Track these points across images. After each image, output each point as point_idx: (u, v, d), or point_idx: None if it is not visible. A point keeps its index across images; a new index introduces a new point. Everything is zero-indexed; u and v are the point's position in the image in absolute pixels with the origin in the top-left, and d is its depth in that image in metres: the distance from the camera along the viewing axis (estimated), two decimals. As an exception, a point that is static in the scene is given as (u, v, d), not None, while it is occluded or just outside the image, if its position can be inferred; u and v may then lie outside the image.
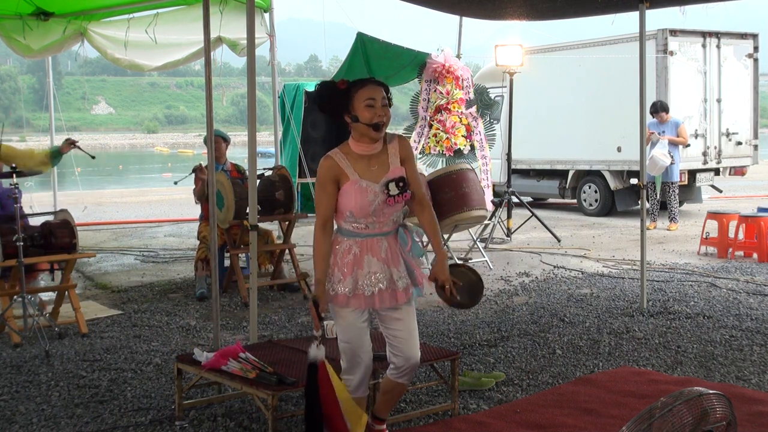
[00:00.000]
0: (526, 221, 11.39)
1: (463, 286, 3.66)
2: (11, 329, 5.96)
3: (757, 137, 13.80)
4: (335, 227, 3.58)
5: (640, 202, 7.49)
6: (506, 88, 12.11)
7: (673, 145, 11.59)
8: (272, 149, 11.86)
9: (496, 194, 11.38)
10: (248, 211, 5.32)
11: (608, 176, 13.56)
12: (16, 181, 5.83)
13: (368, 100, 3.43)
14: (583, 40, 14.27)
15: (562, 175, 14.52)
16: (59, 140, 7.67)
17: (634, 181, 13.18)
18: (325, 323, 4.86)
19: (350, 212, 3.48)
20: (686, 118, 12.50)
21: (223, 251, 7.68)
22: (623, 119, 12.33)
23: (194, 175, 7.72)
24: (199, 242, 7.74)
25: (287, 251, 7.83)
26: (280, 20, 11.48)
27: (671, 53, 12.61)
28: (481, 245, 9.61)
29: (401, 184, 3.52)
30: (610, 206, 13.73)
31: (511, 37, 11.10)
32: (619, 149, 13.15)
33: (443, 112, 10.21)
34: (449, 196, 8.37)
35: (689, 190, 13.46)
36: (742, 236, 9.53)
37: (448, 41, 11.96)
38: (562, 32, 15.07)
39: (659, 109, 11.64)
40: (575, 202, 14.47)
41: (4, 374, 5.27)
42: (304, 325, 6.50)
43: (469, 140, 10.31)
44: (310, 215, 11.74)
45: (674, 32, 12.68)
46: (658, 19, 9.69)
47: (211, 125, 5.44)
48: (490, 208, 9.99)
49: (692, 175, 13.15)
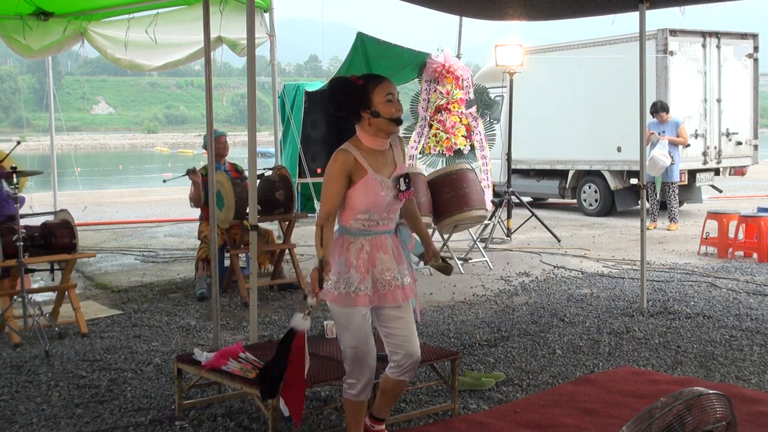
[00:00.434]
0: (526, 221, 11.39)
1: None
2: (11, 329, 5.96)
3: (757, 137, 13.80)
4: (338, 228, 3.55)
5: (640, 202, 7.49)
6: (506, 88, 12.11)
7: (673, 145, 11.59)
8: (272, 149, 11.86)
9: (496, 194, 11.38)
10: (248, 211, 5.32)
11: (608, 176, 13.56)
12: (16, 181, 5.83)
13: (388, 95, 3.47)
14: (583, 40, 14.26)
15: (562, 175, 14.53)
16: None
17: (634, 181, 13.18)
18: (325, 323, 4.87)
19: (367, 208, 3.47)
20: (686, 118, 12.50)
21: (223, 251, 7.67)
22: (623, 119, 12.33)
23: (188, 177, 7.68)
24: (200, 242, 7.74)
25: (287, 251, 7.84)
26: (280, 20, 11.47)
27: (671, 53, 12.61)
28: (481, 245, 9.61)
29: (407, 180, 3.56)
30: (610, 206, 13.73)
31: (511, 37, 11.09)
32: (619, 149, 13.15)
33: (443, 112, 10.21)
34: (449, 196, 8.37)
35: (689, 190, 13.46)
36: (742, 236, 9.53)
37: (448, 41, 11.97)
38: (562, 32, 15.06)
39: (659, 109, 11.63)
40: (575, 202, 14.47)
41: (4, 374, 5.27)
42: (304, 325, 6.49)
43: (469, 140, 10.31)
44: (310, 215, 11.76)
45: (674, 32, 12.68)
46: (658, 19, 9.69)
47: (211, 125, 5.44)
48: (490, 208, 9.99)
49: (692, 175, 13.15)
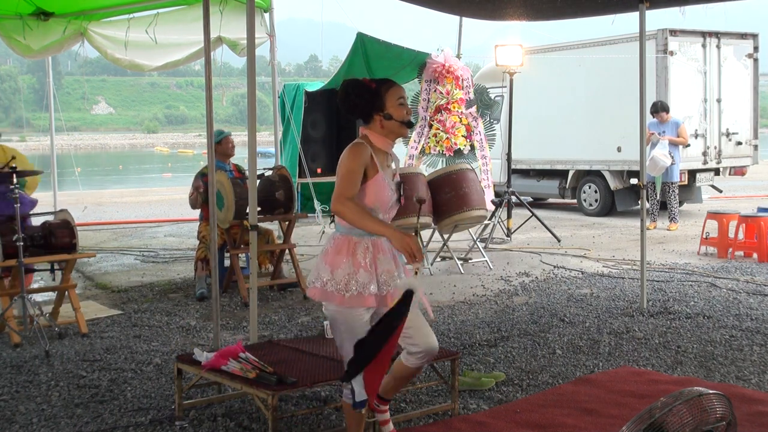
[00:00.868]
0: (526, 221, 11.39)
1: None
2: (11, 329, 5.96)
3: (757, 137, 13.80)
4: (342, 228, 3.51)
5: (640, 202, 7.49)
6: (506, 88, 12.11)
7: (673, 145, 11.59)
8: (272, 149, 11.85)
9: (496, 194, 11.38)
10: (248, 211, 5.32)
11: (608, 176, 13.56)
12: (16, 181, 5.83)
13: (400, 98, 3.53)
14: (583, 40, 14.27)
15: (562, 175, 14.53)
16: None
17: (634, 181, 13.18)
18: (325, 323, 4.87)
19: (375, 206, 3.48)
20: (686, 118, 12.50)
21: (223, 251, 7.67)
22: (623, 119, 12.34)
23: (194, 179, 7.67)
24: (199, 242, 7.74)
25: (287, 251, 7.84)
26: (280, 20, 11.47)
27: (671, 53, 12.61)
28: (481, 245, 9.61)
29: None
30: (610, 206, 13.73)
31: (511, 37, 11.09)
32: (619, 149, 13.15)
33: (443, 112, 10.22)
34: (449, 196, 8.37)
35: (689, 190, 13.47)
36: (742, 236, 9.53)
37: (448, 41, 11.97)
38: (562, 32, 15.06)
39: (659, 109, 11.63)
40: (575, 202, 14.47)
41: (4, 374, 5.27)
42: (304, 325, 6.50)
43: (469, 140, 10.32)
44: (310, 215, 11.75)
45: (674, 32, 12.68)
46: (658, 19, 9.68)
47: (211, 125, 5.44)
48: (490, 208, 9.99)
49: (692, 175, 13.15)
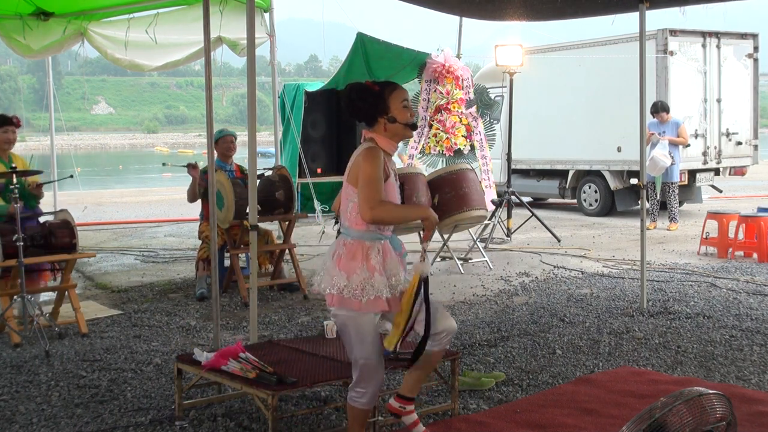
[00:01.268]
0: (526, 221, 11.39)
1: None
2: (11, 329, 5.96)
3: (757, 137, 13.80)
4: (354, 233, 3.50)
5: (640, 202, 7.48)
6: (506, 88, 12.11)
7: (673, 145, 11.59)
8: (272, 149, 11.85)
9: (496, 194, 11.37)
10: (248, 211, 5.32)
11: (608, 176, 13.56)
12: (16, 181, 5.84)
13: (404, 101, 3.53)
14: (583, 40, 14.27)
15: (562, 175, 14.52)
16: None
17: (634, 181, 13.18)
18: (325, 323, 4.87)
19: None
20: (686, 118, 12.50)
21: (223, 251, 7.67)
22: (623, 119, 12.33)
23: (187, 170, 7.67)
24: (201, 242, 7.74)
25: (287, 251, 7.84)
26: (280, 20, 11.48)
27: (671, 53, 12.61)
28: (481, 245, 9.61)
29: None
30: (610, 206, 13.73)
31: (511, 37, 11.09)
32: (619, 149, 13.15)
33: (443, 112, 10.21)
34: (449, 196, 8.35)
35: (689, 190, 13.46)
36: (742, 236, 9.53)
37: (448, 41, 11.96)
38: (562, 32, 15.05)
39: (660, 109, 11.63)
40: (575, 202, 14.47)
41: (4, 374, 5.27)
42: (304, 325, 6.50)
43: (469, 140, 10.31)
44: (310, 215, 11.75)
45: (674, 32, 12.68)
46: (658, 19, 9.68)
47: (211, 125, 5.44)
48: (490, 208, 9.98)
49: (692, 175, 13.15)
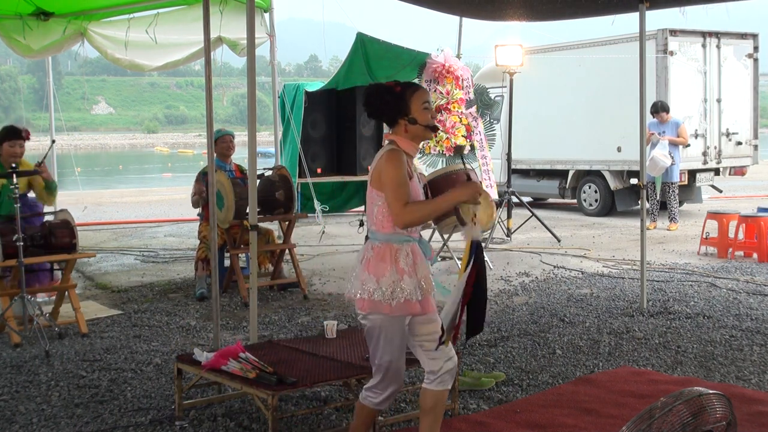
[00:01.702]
0: (526, 221, 11.38)
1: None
2: (11, 329, 5.96)
3: (757, 137, 13.80)
4: (382, 237, 3.44)
5: (640, 202, 7.49)
6: (506, 88, 12.10)
7: (673, 145, 11.59)
8: (272, 149, 11.84)
9: (497, 194, 11.37)
10: (248, 211, 5.32)
11: (608, 176, 13.56)
12: (16, 181, 5.83)
13: (425, 103, 3.49)
14: (583, 40, 14.27)
15: (562, 175, 14.52)
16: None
17: (634, 181, 13.18)
18: (325, 323, 4.87)
19: None
20: (686, 118, 12.51)
21: (223, 251, 7.67)
22: (623, 119, 12.33)
23: (196, 178, 7.68)
24: (199, 242, 7.74)
25: (287, 251, 7.84)
26: (280, 20, 11.47)
27: (671, 53, 12.61)
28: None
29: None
30: (610, 206, 13.73)
31: (511, 37, 11.08)
32: (619, 149, 13.15)
33: (443, 112, 10.20)
34: (449, 196, 8.36)
35: (689, 190, 13.47)
36: (742, 236, 9.54)
37: (448, 41, 11.94)
38: (562, 32, 15.04)
39: (660, 109, 11.63)
40: (575, 202, 14.46)
41: (4, 374, 5.27)
42: (304, 325, 6.50)
43: (469, 140, 10.31)
44: (310, 215, 11.73)
45: (674, 32, 12.68)
46: (658, 19, 9.67)
47: (211, 125, 5.44)
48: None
49: (692, 175, 13.15)
